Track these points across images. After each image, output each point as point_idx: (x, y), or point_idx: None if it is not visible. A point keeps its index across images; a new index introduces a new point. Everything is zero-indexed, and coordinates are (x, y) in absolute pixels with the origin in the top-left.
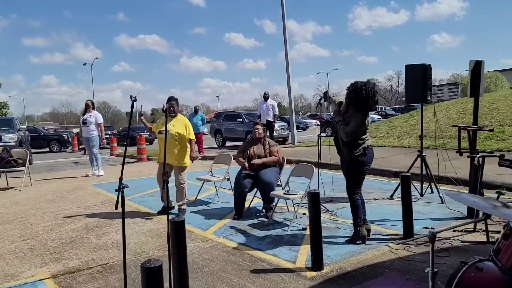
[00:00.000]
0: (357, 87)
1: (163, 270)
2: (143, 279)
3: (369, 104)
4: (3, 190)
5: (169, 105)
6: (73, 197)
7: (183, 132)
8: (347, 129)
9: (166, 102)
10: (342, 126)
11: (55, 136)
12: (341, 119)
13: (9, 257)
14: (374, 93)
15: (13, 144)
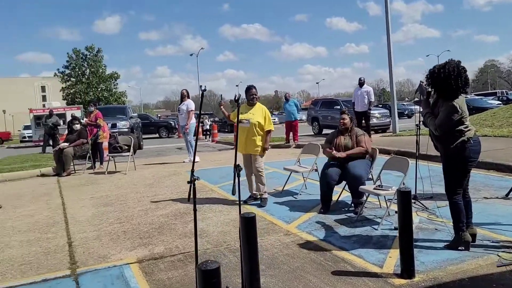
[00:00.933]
0: (434, 72)
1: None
2: (200, 281)
3: (453, 86)
4: (111, 173)
5: (250, 94)
6: (168, 183)
7: (262, 122)
8: (436, 121)
9: (245, 91)
10: (430, 118)
11: (164, 123)
12: (429, 111)
13: (105, 238)
14: (460, 72)
15: (125, 130)
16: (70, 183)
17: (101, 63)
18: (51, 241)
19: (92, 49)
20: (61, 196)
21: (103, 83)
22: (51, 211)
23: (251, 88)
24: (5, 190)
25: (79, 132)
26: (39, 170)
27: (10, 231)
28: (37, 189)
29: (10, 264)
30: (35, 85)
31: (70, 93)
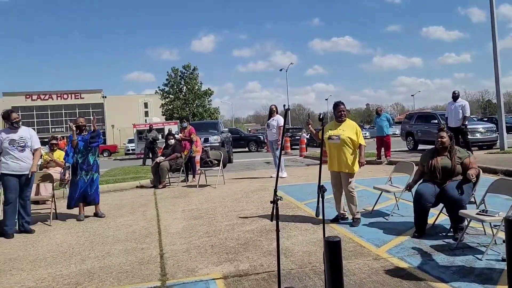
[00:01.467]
0: None
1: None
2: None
3: None
4: (202, 187)
5: (338, 110)
6: (255, 198)
7: (354, 138)
8: None
9: (333, 108)
10: None
11: (253, 137)
12: None
13: (193, 251)
14: None
15: (217, 144)
16: (164, 195)
17: (197, 80)
18: (145, 251)
19: (189, 68)
20: (156, 207)
21: (198, 99)
22: (147, 222)
23: (339, 105)
24: (109, 200)
25: (174, 147)
26: (138, 182)
27: (111, 240)
28: (136, 200)
29: (109, 272)
30: (139, 102)
31: (169, 109)
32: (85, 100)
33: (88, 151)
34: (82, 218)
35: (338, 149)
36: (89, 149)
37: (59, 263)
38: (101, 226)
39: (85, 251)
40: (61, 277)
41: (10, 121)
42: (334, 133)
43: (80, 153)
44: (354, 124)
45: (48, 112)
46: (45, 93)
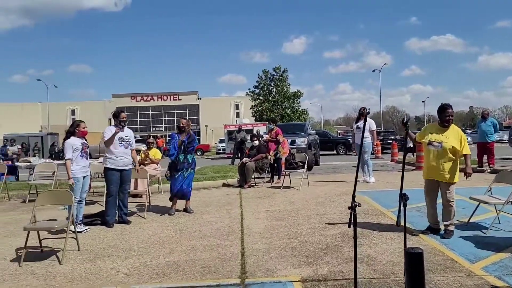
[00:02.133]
0: None
1: None
2: None
3: None
4: (286, 188)
5: (446, 114)
6: (339, 202)
7: (458, 147)
8: None
9: (440, 111)
10: None
11: (342, 140)
12: None
13: (273, 252)
14: None
15: (303, 146)
16: (249, 195)
17: (286, 82)
18: (227, 248)
19: (279, 70)
20: (240, 206)
21: (287, 101)
22: (231, 220)
23: (447, 108)
24: (197, 198)
25: (259, 148)
26: (226, 181)
27: (197, 235)
28: (222, 198)
29: (193, 265)
30: (231, 103)
31: (258, 110)
32: (182, 102)
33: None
34: (173, 212)
35: (439, 157)
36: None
37: (150, 254)
38: (189, 222)
39: (173, 244)
40: (150, 267)
41: (118, 120)
42: (436, 138)
43: (182, 152)
44: (458, 131)
45: (149, 112)
46: (147, 95)
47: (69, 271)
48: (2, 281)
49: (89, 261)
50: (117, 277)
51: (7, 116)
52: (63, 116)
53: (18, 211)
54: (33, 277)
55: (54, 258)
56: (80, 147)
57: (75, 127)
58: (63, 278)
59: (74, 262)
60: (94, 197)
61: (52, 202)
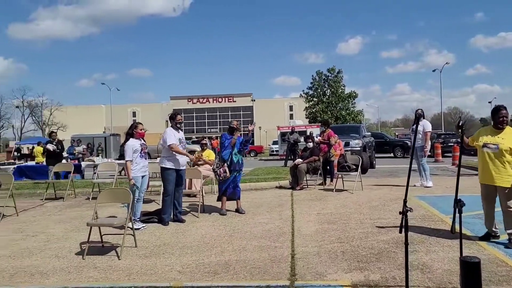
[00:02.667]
0: None
1: None
2: None
3: None
4: (338, 191)
5: (500, 116)
6: (394, 207)
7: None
8: None
9: (493, 113)
10: None
11: (399, 142)
12: None
13: (324, 256)
14: None
15: (358, 149)
16: (301, 197)
17: (340, 83)
18: (278, 250)
19: (333, 71)
20: (292, 208)
21: (342, 102)
22: (282, 222)
23: (501, 109)
24: (249, 198)
25: (312, 150)
26: (278, 182)
27: (248, 236)
28: (274, 199)
29: (244, 265)
30: (285, 105)
31: (312, 112)
32: (237, 103)
33: (240, 152)
34: (224, 212)
35: (495, 159)
36: (241, 151)
37: (202, 252)
38: (241, 222)
39: (225, 243)
40: (202, 265)
41: (175, 122)
42: (491, 140)
43: (236, 153)
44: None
45: (205, 114)
46: (203, 97)
47: (127, 266)
48: (67, 272)
49: (145, 257)
50: (171, 274)
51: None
52: (124, 118)
53: (83, 208)
54: (94, 270)
55: (114, 253)
56: (140, 148)
57: (133, 129)
58: (121, 272)
59: (131, 257)
60: (152, 196)
61: (113, 200)
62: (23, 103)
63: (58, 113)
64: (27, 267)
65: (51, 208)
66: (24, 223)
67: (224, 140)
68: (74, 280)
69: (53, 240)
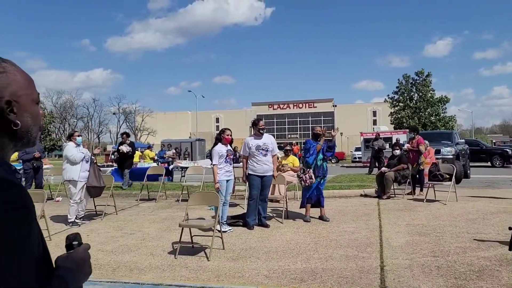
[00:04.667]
0: None
1: None
2: None
3: None
4: (429, 202)
5: None
6: (495, 221)
7: None
8: None
9: None
10: None
11: (498, 150)
12: None
13: (416, 269)
14: None
15: (450, 157)
16: (388, 206)
17: (429, 87)
18: (365, 260)
19: (422, 74)
20: (379, 218)
21: (431, 107)
22: (369, 231)
23: None
24: (333, 206)
25: (400, 157)
26: (363, 191)
27: (333, 244)
28: (359, 208)
29: (331, 274)
30: (367, 110)
31: (398, 117)
32: (317, 109)
33: (324, 158)
34: (308, 219)
35: None
36: (325, 157)
37: (288, 258)
38: (325, 230)
39: (310, 251)
40: (288, 271)
41: (257, 128)
42: None
43: (321, 159)
44: None
45: (285, 119)
46: (284, 103)
47: (216, 267)
48: (162, 270)
49: (233, 260)
50: (258, 278)
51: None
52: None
53: (173, 209)
54: (186, 269)
55: (203, 254)
56: (225, 154)
57: (221, 134)
58: (210, 273)
59: (219, 259)
60: (237, 200)
61: (202, 202)
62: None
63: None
64: (126, 263)
65: (145, 208)
66: (123, 221)
67: (309, 145)
68: (168, 278)
69: (148, 239)
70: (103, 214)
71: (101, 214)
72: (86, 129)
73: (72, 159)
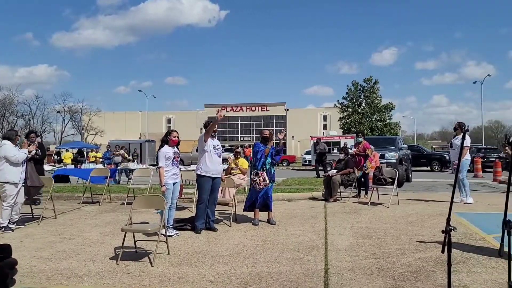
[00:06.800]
0: None
1: None
2: None
3: None
4: (373, 205)
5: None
6: (432, 223)
7: None
8: None
9: None
10: None
11: (437, 155)
12: None
13: (358, 271)
14: None
15: (394, 161)
16: (334, 209)
17: (377, 94)
18: (311, 263)
19: (370, 81)
20: (325, 221)
21: (378, 113)
22: (315, 234)
23: None
24: (282, 209)
25: (346, 161)
26: (311, 194)
27: (280, 247)
28: (307, 211)
29: (276, 278)
30: (318, 115)
31: (346, 122)
32: (270, 112)
33: (273, 163)
34: (257, 223)
35: None
36: (273, 161)
37: (234, 262)
38: (273, 233)
39: (257, 254)
40: (234, 275)
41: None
42: None
43: (268, 163)
44: None
45: (238, 122)
46: (237, 105)
47: (159, 273)
48: (102, 277)
49: (178, 265)
50: (202, 283)
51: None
52: (159, 124)
53: (118, 212)
54: (127, 276)
55: (147, 259)
56: (172, 156)
57: (167, 135)
58: (154, 279)
59: (164, 264)
60: (185, 203)
61: (147, 206)
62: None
63: (96, 118)
64: (63, 270)
65: (87, 211)
66: (62, 226)
67: (258, 149)
68: (108, 285)
69: (89, 244)
70: (41, 218)
71: (38, 218)
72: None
73: (15, 160)
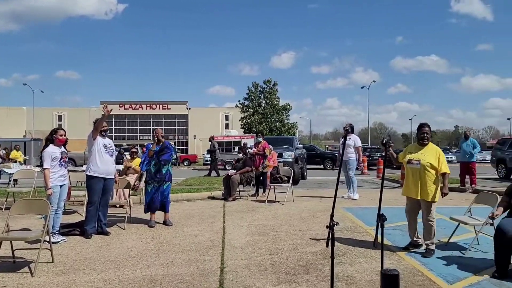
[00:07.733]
0: None
1: None
2: None
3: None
4: (270, 202)
5: (421, 132)
6: (322, 218)
7: (436, 164)
8: None
9: (417, 130)
10: None
11: (329, 154)
12: None
13: (253, 268)
14: None
15: (290, 160)
16: (233, 208)
17: (276, 95)
18: (207, 263)
19: (269, 83)
20: (223, 220)
21: (277, 114)
22: (213, 234)
23: (423, 127)
24: (180, 210)
25: (244, 161)
26: (210, 193)
27: (176, 249)
28: (206, 211)
29: (171, 280)
30: (220, 114)
31: (248, 122)
32: (171, 111)
33: (161, 163)
34: (153, 224)
35: (418, 175)
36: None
37: (127, 267)
38: (170, 234)
39: (152, 257)
40: (126, 280)
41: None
42: (415, 157)
43: (154, 164)
44: (436, 149)
45: (138, 120)
46: (136, 103)
47: (41, 284)
48: None
49: (63, 273)
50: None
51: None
52: (49, 121)
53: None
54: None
55: (27, 269)
56: (59, 156)
57: (53, 134)
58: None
59: (47, 274)
60: (75, 206)
61: (28, 211)
62: None
63: None
64: None
65: None
66: None
67: (146, 151)
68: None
69: None
70: None
71: None
72: None
73: None
